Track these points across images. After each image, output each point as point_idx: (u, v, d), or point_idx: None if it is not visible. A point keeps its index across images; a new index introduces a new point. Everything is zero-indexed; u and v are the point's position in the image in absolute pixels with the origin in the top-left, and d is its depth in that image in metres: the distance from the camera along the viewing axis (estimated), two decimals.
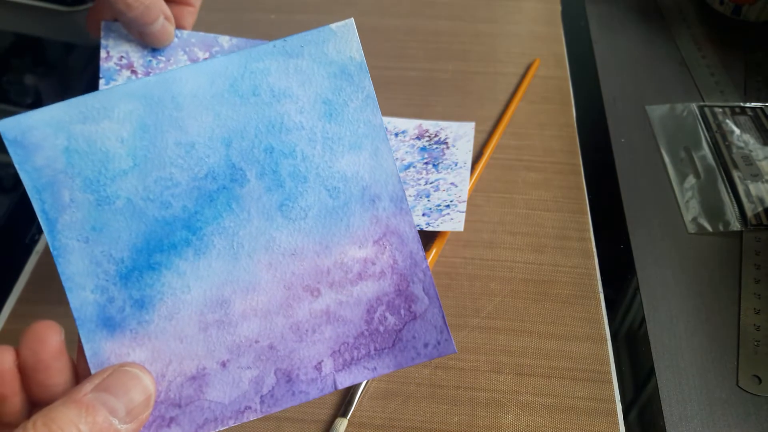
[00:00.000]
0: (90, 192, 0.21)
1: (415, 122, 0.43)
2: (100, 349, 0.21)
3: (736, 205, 0.41)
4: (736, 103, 0.48)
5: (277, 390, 0.22)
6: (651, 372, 0.33)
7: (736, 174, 0.42)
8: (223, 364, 0.22)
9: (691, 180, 0.42)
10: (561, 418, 0.31)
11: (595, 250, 0.38)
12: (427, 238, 0.38)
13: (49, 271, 0.37)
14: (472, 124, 0.43)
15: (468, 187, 0.39)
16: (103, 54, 0.33)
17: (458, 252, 0.38)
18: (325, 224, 0.23)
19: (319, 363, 0.23)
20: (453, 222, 0.36)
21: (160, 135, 0.22)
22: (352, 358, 0.23)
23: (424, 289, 0.23)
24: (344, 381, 0.23)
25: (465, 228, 0.39)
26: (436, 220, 0.36)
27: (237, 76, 0.22)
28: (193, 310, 0.22)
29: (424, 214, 0.36)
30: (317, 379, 0.23)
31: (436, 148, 0.41)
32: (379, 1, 0.57)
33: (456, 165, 0.39)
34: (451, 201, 0.37)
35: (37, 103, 0.81)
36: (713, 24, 0.55)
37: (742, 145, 0.44)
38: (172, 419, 0.22)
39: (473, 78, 0.49)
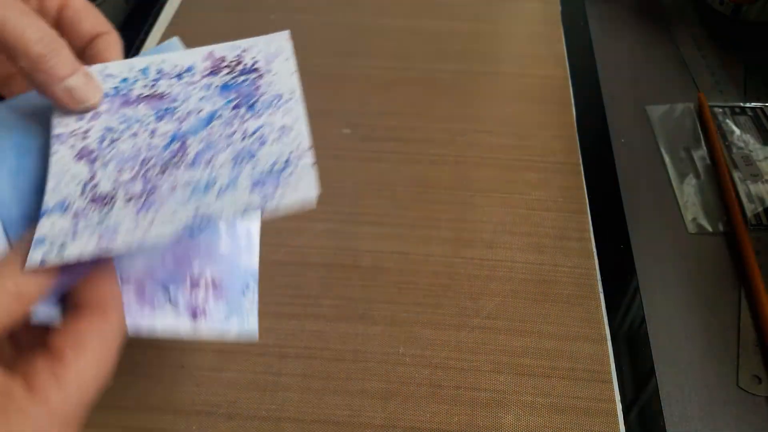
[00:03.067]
0: None
1: (203, 51, 0.30)
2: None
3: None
4: (736, 103, 0.48)
5: None
6: (651, 372, 0.33)
7: (736, 174, 0.42)
8: None
9: (691, 180, 0.42)
10: (561, 418, 0.31)
11: (595, 250, 0.38)
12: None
13: None
14: (286, 34, 0.31)
15: (306, 127, 0.28)
16: None
17: (458, 252, 0.38)
18: None
19: None
20: (301, 187, 0.25)
21: None
22: None
23: None
24: None
25: (465, 228, 0.39)
26: (275, 190, 0.25)
27: None
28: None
29: (255, 185, 0.25)
30: None
31: (245, 80, 0.29)
32: (379, 1, 0.57)
33: (281, 99, 0.28)
34: (289, 154, 0.26)
35: None
36: (713, 24, 0.55)
37: (742, 145, 0.44)
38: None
39: (473, 78, 0.49)
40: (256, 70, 0.29)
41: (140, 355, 0.33)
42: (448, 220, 0.39)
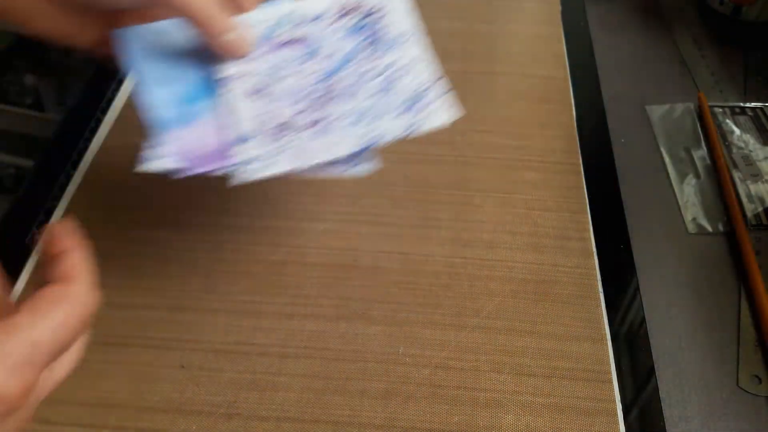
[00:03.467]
0: None
1: None
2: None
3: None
4: (736, 103, 0.48)
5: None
6: (651, 372, 0.33)
7: (736, 174, 0.42)
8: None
9: (691, 180, 0.43)
10: (561, 418, 0.31)
11: (595, 250, 0.38)
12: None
13: None
14: None
15: (431, 57, 0.32)
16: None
17: (458, 252, 0.38)
18: None
19: None
20: (443, 110, 0.31)
21: None
22: None
23: None
24: None
25: (465, 228, 0.39)
26: (419, 114, 0.31)
27: None
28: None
29: (402, 113, 0.31)
30: None
31: (370, 21, 0.33)
32: None
33: (403, 35, 0.33)
34: (423, 84, 0.31)
35: (37, 103, 0.81)
36: (713, 24, 0.55)
37: (742, 145, 0.44)
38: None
39: (473, 78, 0.49)
40: (377, 11, 0.33)
41: (140, 355, 0.33)
42: (448, 220, 0.39)
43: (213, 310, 0.35)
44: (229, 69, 0.31)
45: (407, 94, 0.31)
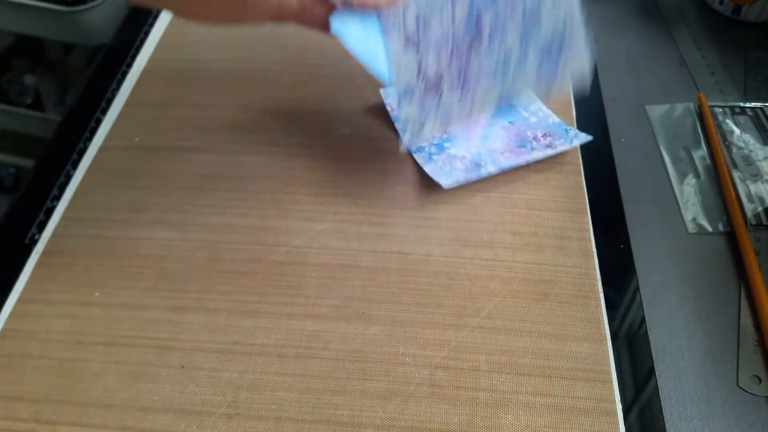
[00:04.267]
0: None
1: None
2: None
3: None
4: (736, 103, 0.48)
5: None
6: (651, 372, 0.33)
7: (736, 174, 0.42)
8: None
9: (691, 180, 0.43)
10: (561, 418, 0.31)
11: (595, 250, 0.38)
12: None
13: (49, 271, 0.37)
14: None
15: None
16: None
17: (458, 252, 0.38)
18: None
19: None
20: (579, 55, 0.36)
21: None
22: None
23: None
24: None
25: (465, 228, 0.39)
26: (557, 63, 0.36)
27: None
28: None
29: (540, 64, 0.35)
30: None
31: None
32: None
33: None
34: (566, 19, 0.35)
35: (37, 103, 0.81)
36: (713, 24, 0.55)
37: (742, 145, 0.44)
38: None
39: None
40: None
41: (140, 355, 0.33)
42: (448, 220, 0.39)
43: (213, 310, 0.35)
44: (385, 17, 0.32)
45: (550, 30, 0.33)
